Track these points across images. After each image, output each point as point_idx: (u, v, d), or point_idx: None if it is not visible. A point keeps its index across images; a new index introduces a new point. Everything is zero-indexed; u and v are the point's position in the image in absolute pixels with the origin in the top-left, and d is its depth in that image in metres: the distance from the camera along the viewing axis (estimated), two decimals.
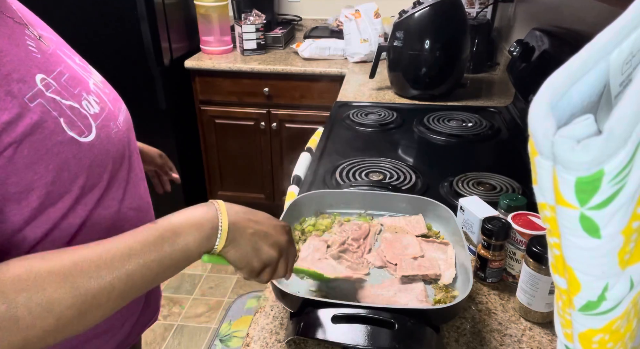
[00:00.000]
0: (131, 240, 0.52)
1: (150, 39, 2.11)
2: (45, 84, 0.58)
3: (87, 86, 0.68)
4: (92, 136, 0.62)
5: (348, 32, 2.28)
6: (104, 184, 0.64)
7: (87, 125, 0.62)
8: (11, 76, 0.54)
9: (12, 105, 0.53)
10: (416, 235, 0.89)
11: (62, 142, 0.57)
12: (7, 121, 0.52)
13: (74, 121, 0.60)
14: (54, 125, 0.57)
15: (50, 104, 0.57)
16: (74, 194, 0.59)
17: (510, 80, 1.55)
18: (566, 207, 0.30)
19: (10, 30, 0.58)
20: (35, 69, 0.58)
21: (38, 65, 0.59)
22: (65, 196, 0.59)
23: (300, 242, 0.88)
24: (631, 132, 0.27)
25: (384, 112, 1.60)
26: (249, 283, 2.27)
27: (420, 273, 0.79)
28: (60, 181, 0.57)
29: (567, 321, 0.36)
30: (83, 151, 0.60)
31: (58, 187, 0.57)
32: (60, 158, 0.57)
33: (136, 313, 0.77)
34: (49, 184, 0.56)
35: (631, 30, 0.29)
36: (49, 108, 0.57)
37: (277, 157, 2.47)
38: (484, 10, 2.20)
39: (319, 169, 1.24)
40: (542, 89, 0.29)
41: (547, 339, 0.74)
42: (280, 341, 0.74)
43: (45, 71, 0.60)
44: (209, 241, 0.56)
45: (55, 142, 0.56)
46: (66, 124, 0.58)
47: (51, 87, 0.59)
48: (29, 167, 0.54)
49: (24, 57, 0.57)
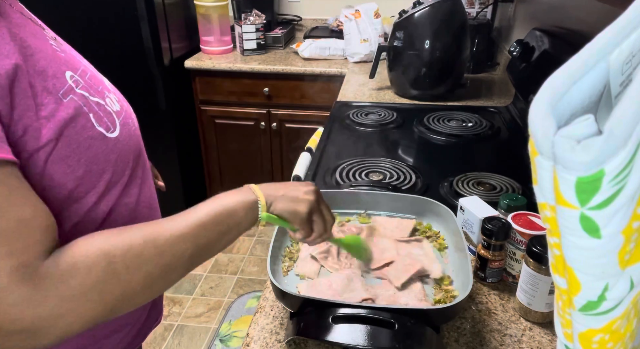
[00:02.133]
0: (201, 215, 0.60)
1: (150, 39, 2.11)
2: (74, 80, 0.60)
3: (105, 85, 0.69)
4: (117, 132, 0.63)
5: (348, 32, 2.28)
6: (125, 179, 0.66)
7: (112, 121, 0.63)
8: (46, 72, 0.55)
9: (49, 101, 0.54)
10: (396, 239, 0.88)
11: (93, 137, 0.59)
12: (45, 116, 0.53)
13: (101, 117, 0.61)
14: (85, 120, 0.58)
15: (81, 99, 0.59)
16: (99, 189, 0.61)
17: (510, 80, 1.55)
18: (566, 207, 0.30)
19: (34, 29, 0.60)
20: (63, 66, 0.59)
21: (65, 63, 0.60)
22: (91, 191, 0.60)
23: (300, 243, 0.88)
24: (631, 132, 0.27)
25: (384, 112, 1.60)
26: (249, 283, 2.28)
27: (411, 273, 0.79)
28: (89, 175, 0.59)
29: (567, 321, 0.36)
30: (110, 146, 0.61)
31: (86, 181, 0.59)
32: (91, 152, 0.58)
33: (144, 314, 0.77)
34: (79, 178, 0.58)
35: (631, 30, 0.29)
36: (81, 103, 0.58)
37: (277, 157, 2.47)
38: (484, 10, 2.20)
39: (319, 169, 1.24)
40: (542, 89, 0.29)
41: (547, 339, 0.74)
42: (280, 341, 0.74)
43: (72, 69, 0.61)
44: (253, 212, 0.65)
45: (86, 137, 0.58)
46: (95, 120, 0.60)
47: (80, 84, 0.60)
48: (63, 160, 0.55)
49: (52, 54, 0.59)
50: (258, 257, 2.45)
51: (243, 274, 2.34)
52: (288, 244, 0.88)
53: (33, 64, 0.54)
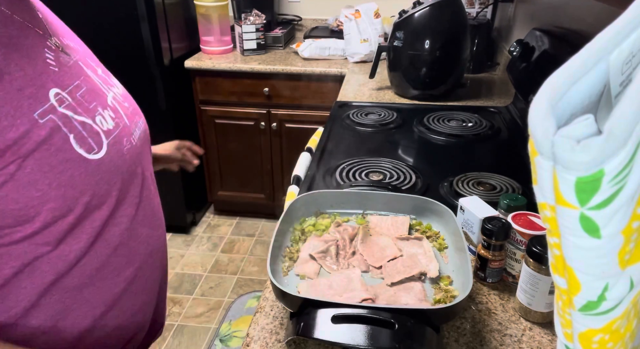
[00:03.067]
0: None
1: (150, 39, 2.11)
2: (59, 99, 0.58)
3: (104, 100, 0.67)
4: (102, 153, 0.61)
5: (348, 32, 2.28)
6: (112, 201, 0.63)
7: (98, 142, 0.61)
8: (23, 92, 0.53)
9: (22, 121, 0.52)
10: (396, 237, 0.88)
11: (69, 159, 0.57)
12: (14, 138, 0.51)
13: (84, 138, 0.59)
14: (62, 142, 0.56)
15: (62, 120, 0.57)
16: (77, 211, 0.59)
17: (510, 80, 1.55)
18: (566, 207, 0.30)
19: (31, 41, 0.58)
20: (50, 83, 0.58)
21: (54, 80, 0.59)
22: (68, 215, 0.58)
23: (300, 243, 0.88)
24: (631, 132, 0.27)
25: (384, 112, 1.60)
26: (249, 283, 2.28)
27: (407, 275, 0.79)
28: (64, 199, 0.56)
29: (567, 321, 0.36)
30: (90, 169, 0.59)
31: (61, 205, 0.56)
32: (65, 176, 0.56)
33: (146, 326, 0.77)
34: (51, 201, 0.55)
35: (631, 30, 0.29)
36: (60, 124, 0.56)
37: (277, 157, 2.47)
38: (484, 10, 2.20)
39: (319, 169, 1.24)
40: (542, 89, 0.29)
41: (547, 339, 0.74)
42: (280, 341, 0.74)
43: (61, 85, 0.59)
44: None
45: (60, 160, 0.56)
46: (75, 141, 0.58)
47: (65, 103, 0.58)
48: (32, 184, 0.53)
49: (40, 70, 0.57)
50: (258, 258, 2.45)
51: (243, 274, 2.34)
52: (288, 244, 0.88)
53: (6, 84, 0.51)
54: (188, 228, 2.61)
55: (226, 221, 2.72)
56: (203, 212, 2.77)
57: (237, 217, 2.75)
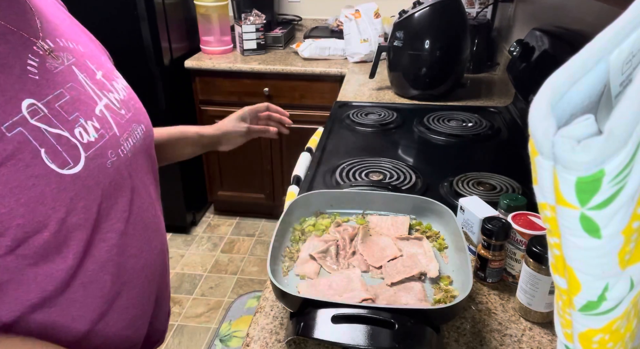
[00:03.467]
0: None
1: (150, 39, 2.11)
2: (32, 110, 0.55)
3: (90, 110, 0.63)
4: (79, 167, 0.58)
5: (348, 32, 2.28)
6: (93, 217, 0.60)
7: (74, 155, 0.58)
8: None
9: None
10: (396, 237, 0.88)
11: (38, 175, 0.53)
12: None
13: (57, 152, 0.56)
14: (32, 156, 0.53)
15: (33, 133, 0.54)
16: (52, 228, 0.55)
17: (510, 80, 1.55)
18: (566, 207, 0.30)
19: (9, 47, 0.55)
20: (24, 93, 0.55)
21: (30, 89, 0.56)
22: (43, 230, 0.55)
23: (300, 243, 0.88)
24: (631, 132, 0.27)
25: (384, 112, 1.60)
26: (249, 283, 2.28)
27: (407, 276, 0.79)
28: (33, 214, 0.53)
29: (567, 321, 0.36)
30: (64, 184, 0.56)
31: (30, 221, 0.53)
32: (35, 192, 0.53)
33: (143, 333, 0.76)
34: (19, 217, 0.52)
35: (631, 30, 0.29)
36: (30, 137, 0.53)
37: (277, 157, 2.47)
38: (484, 10, 2.20)
39: (319, 169, 1.24)
40: (542, 89, 0.29)
41: (547, 339, 0.74)
42: (280, 341, 0.74)
43: (38, 95, 0.56)
44: None
45: (29, 175, 0.53)
46: (47, 155, 0.55)
47: (39, 114, 0.55)
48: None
49: (15, 81, 0.54)
50: (258, 258, 2.45)
51: (243, 274, 2.34)
52: (288, 245, 0.88)
53: None
54: (188, 228, 2.61)
55: (226, 221, 2.72)
56: (203, 212, 2.77)
57: (237, 217, 2.75)
